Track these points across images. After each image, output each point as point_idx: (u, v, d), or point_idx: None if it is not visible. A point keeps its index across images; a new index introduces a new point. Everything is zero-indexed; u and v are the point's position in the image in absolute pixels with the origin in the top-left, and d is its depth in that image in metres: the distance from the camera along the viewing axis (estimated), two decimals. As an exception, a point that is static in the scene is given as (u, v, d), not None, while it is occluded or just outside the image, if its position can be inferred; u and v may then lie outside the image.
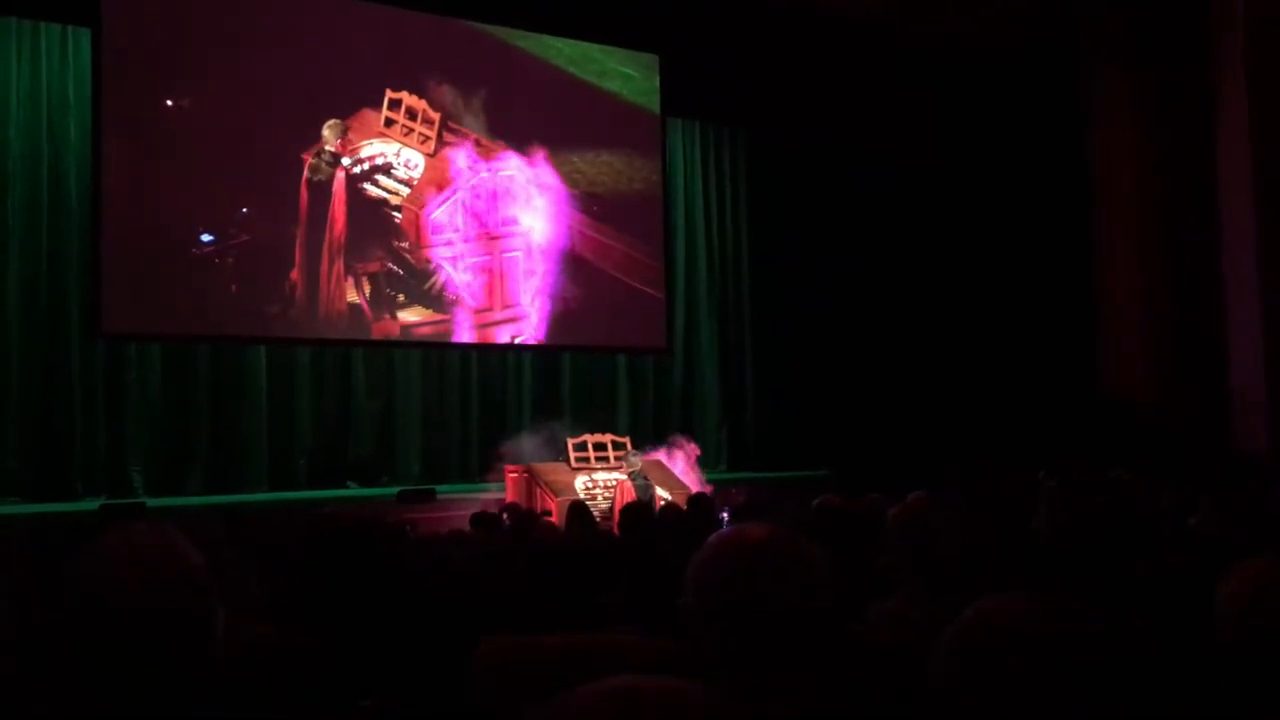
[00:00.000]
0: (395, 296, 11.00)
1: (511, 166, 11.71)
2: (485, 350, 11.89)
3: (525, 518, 5.94)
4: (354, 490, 11.11)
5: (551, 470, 10.02)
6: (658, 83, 12.66)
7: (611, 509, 9.61)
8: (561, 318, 11.90)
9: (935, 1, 12.11)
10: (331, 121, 10.63)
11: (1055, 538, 3.66)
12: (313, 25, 10.57)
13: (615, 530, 5.91)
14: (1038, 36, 12.67)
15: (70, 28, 10.08)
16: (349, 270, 10.71)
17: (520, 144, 11.77)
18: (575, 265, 12.03)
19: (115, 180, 9.54)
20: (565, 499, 9.47)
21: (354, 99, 10.79)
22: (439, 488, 10.45)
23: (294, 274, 10.43)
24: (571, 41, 12.15)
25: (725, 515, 6.55)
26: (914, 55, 12.49)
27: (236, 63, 10.15)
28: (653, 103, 12.67)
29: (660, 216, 12.76)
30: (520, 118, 11.75)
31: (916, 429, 12.35)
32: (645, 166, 12.62)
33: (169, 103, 9.85)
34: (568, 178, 12.06)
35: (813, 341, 13.61)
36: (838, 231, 13.60)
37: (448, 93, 11.31)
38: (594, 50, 12.33)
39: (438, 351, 11.81)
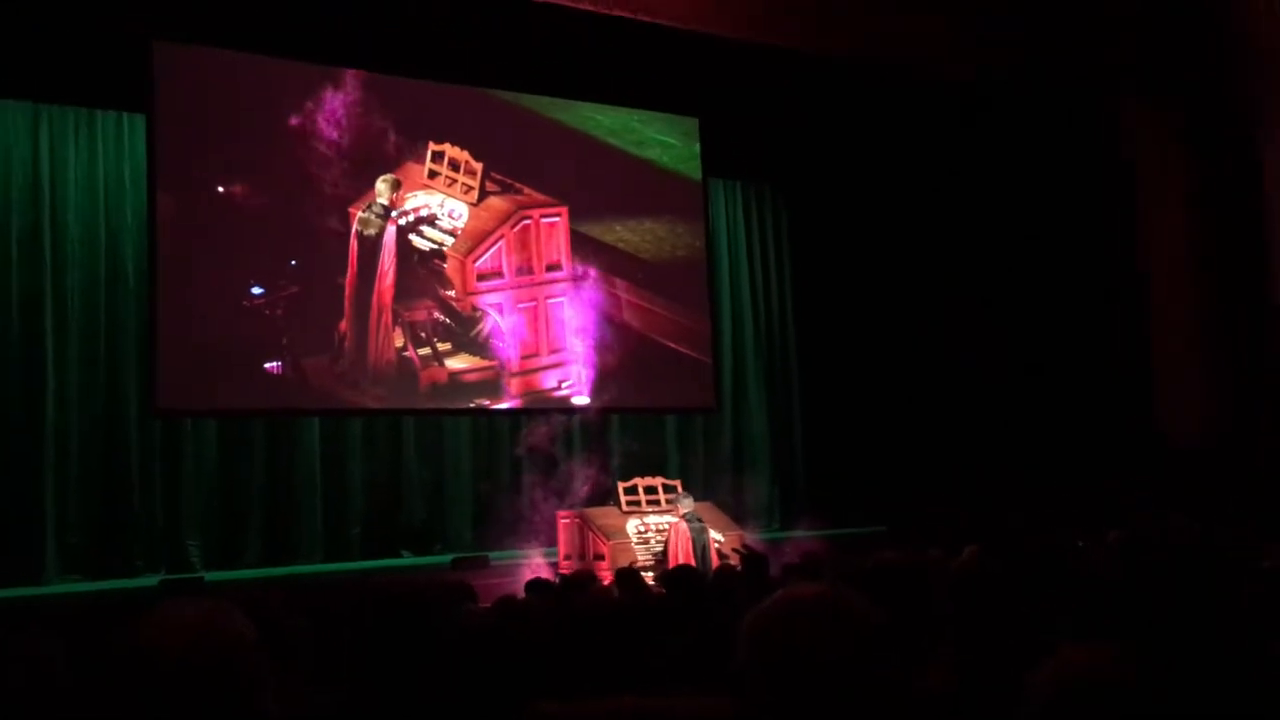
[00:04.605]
0: (443, 344, 11.08)
1: (554, 216, 11.82)
2: (534, 415, 11.84)
3: (577, 583, 5.89)
4: (408, 559, 11.13)
5: (603, 515, 10.03)
6: (698, 149, 12.70)
7: (665, 552, 9.61)
8: (608, 381, 11.86)
9: (968, 48, 12.07)
10: (385, 176, 10.82)
11: (1125, 587, 3.58)
12: (356, 98, 10.76)
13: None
14: (1071, 77, 12.58)
15: (125, 114, 10.40)
16: (397, 320, 10.82)
17: (560, 206, 11.87)
18: (620, 331, 12.02)
19: (169, 258, 9.71)
20: (617, 543, 9.50)
21: (398, 157, 10.97)
22: (493, 554, 10.42)
23: (343, 324, 10.55)
24: (609, 111, 12.22)
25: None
26: (952, 101, 12.47)
27: (285, 136, 10.36)
28: (694, 169, 12.71)
29: (705, 280, 12.77)
30: (559, 187, 11.82)
31: (969, 482, 12.15)
32: (688, 232, 12.64)
33: (221, 183, 10.05)
34: (611, 245, 12.12)
35: (862, 396, 13.51)
36: (883, 285, 13.54)
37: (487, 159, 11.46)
38: (633, 120, 12.40)
39: (486, 417, 11.84)
